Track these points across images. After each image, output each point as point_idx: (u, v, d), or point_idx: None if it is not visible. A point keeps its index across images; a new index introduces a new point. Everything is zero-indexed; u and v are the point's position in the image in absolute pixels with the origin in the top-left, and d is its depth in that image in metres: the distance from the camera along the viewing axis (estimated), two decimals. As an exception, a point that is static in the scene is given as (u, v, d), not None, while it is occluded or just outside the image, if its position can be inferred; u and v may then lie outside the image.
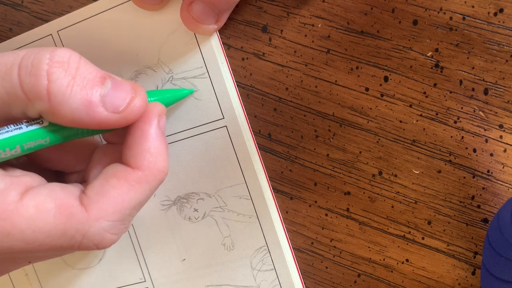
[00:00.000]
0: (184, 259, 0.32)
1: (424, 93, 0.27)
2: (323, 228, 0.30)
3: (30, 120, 0.24)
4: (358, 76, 0.28)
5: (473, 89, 0.27)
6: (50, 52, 0.23)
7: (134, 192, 0.25)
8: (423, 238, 0.29)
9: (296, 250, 0.31)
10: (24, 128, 0.24)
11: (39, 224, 0.23)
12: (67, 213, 0.23)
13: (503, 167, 0.27)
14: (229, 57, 0.30)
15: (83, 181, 0.28)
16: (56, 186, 0.24)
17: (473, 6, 0.26)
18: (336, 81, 0.28)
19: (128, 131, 0.26)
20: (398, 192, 0.29)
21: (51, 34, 0.31)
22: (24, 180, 0.24)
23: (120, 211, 0.25)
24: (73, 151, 0.29)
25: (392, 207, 0.29)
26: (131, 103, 0.25)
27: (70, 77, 0.23)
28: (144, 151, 0.25)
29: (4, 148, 0.23)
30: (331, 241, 0.30)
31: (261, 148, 0.30)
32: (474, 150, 0.27)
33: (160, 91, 0.29)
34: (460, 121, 0.27)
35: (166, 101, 0.29)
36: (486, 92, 0.27)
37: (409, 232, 0.29)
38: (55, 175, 0.30)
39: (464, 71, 0.27)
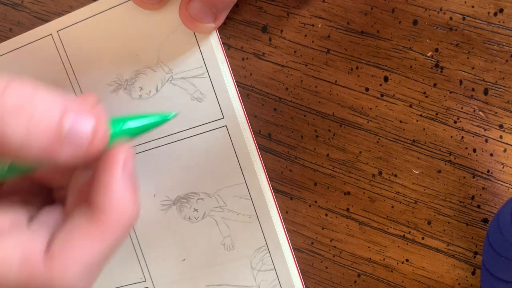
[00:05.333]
0: (184, 259, 0.32)
1: (424, 93, 0.27)
2: (323, 228, 0.30)
3: None
4: (358, 76, 0.28)
5: (473, 89, 0.27)
6: None
7: (98, 246, 0.24)
8: (423, 238, 0.29)
9: (296, 250, 0.31)
10: None
11: (1, 274, 0.22)
12: (29, 271, 0.23)
13: (503, 167, 0.27)
14: (229, 57, 0.30)
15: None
16: (25, 236, 0.24)
17: (473, 6, 0.26)
18: (336, 81, 0.28)
19: (95, 171, 0.25)
20: (398, 192, 0.28)
21: (51, 34, 0.31)
22: None
23: (85, 265, 0.24)
24: (55, 169, 0.28)
25: (392, 207, 0.29)
26: (93, 141, 0.23)
27: (25, 126, 0.21)
28: (108, 200, 0.24)
29: None
30: (331, 241, 0.30)
31: (261, 148, 0.30)
32: (474, 150, 0.27)
33: (129, 118, 0.26)
34: (460, 121, 0.27)
35: (136, 131, 0.26)
36: (486, 92, 0.27)
37: (409, 232, 0.29)
38: (44, 189, 0.29)
39: (464, 71, 0.27)
